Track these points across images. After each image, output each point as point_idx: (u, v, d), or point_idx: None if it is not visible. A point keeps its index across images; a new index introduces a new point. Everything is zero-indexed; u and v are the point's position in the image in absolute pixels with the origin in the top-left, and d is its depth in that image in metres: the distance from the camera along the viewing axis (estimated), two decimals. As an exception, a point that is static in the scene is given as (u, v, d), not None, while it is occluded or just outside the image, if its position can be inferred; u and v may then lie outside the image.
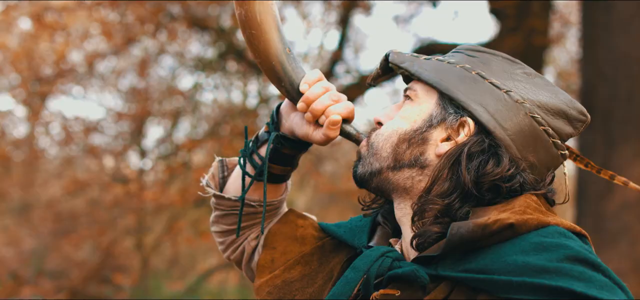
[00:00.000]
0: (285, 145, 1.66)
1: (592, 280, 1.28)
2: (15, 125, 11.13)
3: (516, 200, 1.44)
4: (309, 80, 1.59)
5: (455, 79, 1.49)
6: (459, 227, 1.37)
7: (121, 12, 8.60)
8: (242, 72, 9.52)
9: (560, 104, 1.50)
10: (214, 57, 9.24)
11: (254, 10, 1.58)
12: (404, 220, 1.52)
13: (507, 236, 1.37)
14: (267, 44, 1.58)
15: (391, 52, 1.59)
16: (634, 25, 5.21)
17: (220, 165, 1.80)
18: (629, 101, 5.18)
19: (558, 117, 1.50)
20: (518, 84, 1.49)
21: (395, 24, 8.69)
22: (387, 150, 1.50)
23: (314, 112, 1.57)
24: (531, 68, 1.54)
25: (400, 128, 1.51)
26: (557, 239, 1.35)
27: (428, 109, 1.50)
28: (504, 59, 1.53)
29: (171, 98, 9.82)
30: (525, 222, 1.37)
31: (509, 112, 1.46)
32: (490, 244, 1.37)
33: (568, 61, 11.22)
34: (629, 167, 5.10)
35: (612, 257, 4.99)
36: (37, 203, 10.64)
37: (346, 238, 1.64)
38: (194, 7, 8.41)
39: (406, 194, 1.50)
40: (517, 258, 1.33)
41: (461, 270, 1.37)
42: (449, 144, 1.48)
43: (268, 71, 1.60)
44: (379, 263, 1.44)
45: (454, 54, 1.56)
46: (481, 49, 1.55)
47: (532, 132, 1.47)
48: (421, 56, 1.56)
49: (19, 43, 9.71)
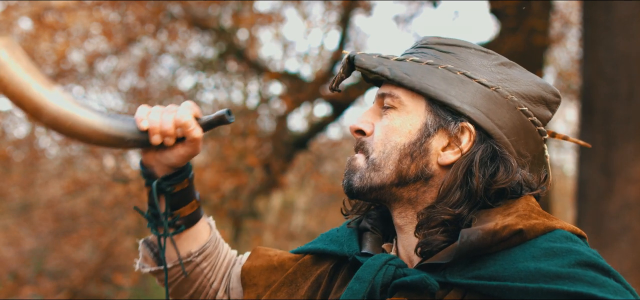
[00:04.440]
0: (172, 183, 1.64)
1: (606, 285, 1.30)
2: (15, 125, 11.14)
3: (518, 202, 1.44)
4: (141, 115, 1.58)
5: (442, 83, 1.45)
6: (469, 235, 1.36)
7: (121, 12, 8.61)
8: (242, 72, 9.53)
9: (539, 91, 1.50)
10: (215, 57, 9.25)
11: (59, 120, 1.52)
12: (406, 228, 1.50)
13: (516, 242, 1.37)
14: (81, 129, 1.54)
15: (357, 55, 1.52)
16: (634, 25, 5.21)
17: (145, 245, 1.76)
18: (629, 100, 5.18)
19: (539, 104, 1.50)
20: (499, 77, 1.48)
21: (395, 24, 8.68)
22: (390, 168, 1.46)
23: (169, 133, 1.57)
24: (502, 56, 1.52)
25: (398, 143, 1.46)
26: (566, 244, 1.36)
27: (420, 117, 1.46)
28: (476, 51, 1.50)
29: (172, 98, 9.81)
30: (533, 227, 1.38)
31: (501, 109, 1.46)
32: (498, 250, 1.37)
33: (568, 61, 11.22)
34: (630, 166, 5.10)
35: (613, 257, 4.99)
36: (37, 203, 10.64)
37: (331, 249, 1.60)
38: (194, 7, 8.42)
39: (409, 204, 1.48)
40: (529, 264, 1.33)
41: (471, 276, 1.36)
42: (453, 153, 1.45)
43: (106, 144, 1.57)
44: (384, 271, 1.42)
45: (424, 51, 1.51)
46: (450, 42, 1.51)
47: (523, 126, 1.48)
48: (391, 56, 1.50)
49: (20, 43, 9.69)
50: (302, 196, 13.36)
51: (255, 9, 8.96)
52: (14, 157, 10.42)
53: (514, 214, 1.40)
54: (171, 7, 8.29)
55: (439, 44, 1.50)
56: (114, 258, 10.49)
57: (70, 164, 10.99)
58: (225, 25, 8.94)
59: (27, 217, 10.79)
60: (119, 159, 10.67)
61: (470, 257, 1.37)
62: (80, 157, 10.90)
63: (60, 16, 8.78)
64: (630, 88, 5.20)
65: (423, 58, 1.49)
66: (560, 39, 10.06)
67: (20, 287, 9.95)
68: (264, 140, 8.78)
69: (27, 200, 10.64)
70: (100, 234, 9.87)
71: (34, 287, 9.93)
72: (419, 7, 8.61)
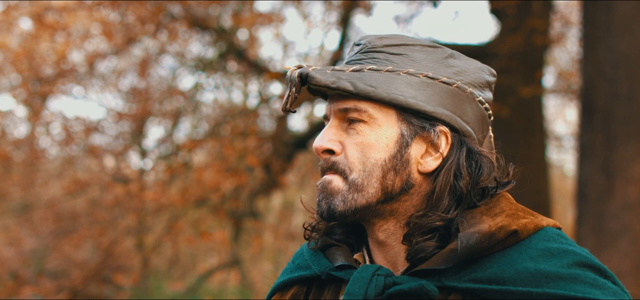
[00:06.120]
0: None
1: (605, 287, 1.33)
2: (15, 125, 11.14)
3: (499, 201, 1.45)
4: None
5: (408, 89, 1.41)
6: (468, 239, 1.36)
7: (122, 12, 8.61)
8: (242, 72, 9.53)
9: (483, 76, 1.49)
10: (215, 57, 9.25)
11: None
12: (389, 240, 1.47)
13: (510, 242, 1.38)
14: None
15: (310, 71, 1.42)
16: (634, 25, 5.21)
17: None
18: (630, 101, 5.18)
19: (485, 88, 1.50)
20: (453, 71, 1.46)
21: (395, 24, 8.67)
22: (375, 186, 1.42)
23: None
24: (444, 46, 1.50)
25: (378, 159, 1.42)
26: (560, 244, 1.38)
27: (393, 129, 1.43)
28: (423, 46, 1.46)
29: (172, 98, 9.82)
30: (525, 227, 1.39)
31: (464, 105, 1.45)
32: (493, 251, 1.38)
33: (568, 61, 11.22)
34: (630, 166, 5.10)
35: (613, 257, 4.99)
36: (37, 203, 10.63)
37: (299, 274, 1.55)
38: (194, 7, 8.42)
39: (391, 216, 1.45)
40: (528, 265, 1.34)
41: (468, 279, 1.36)
42: (434, 159, 1.43)
43: None
44: (374, 283, 1.39)
45: (374, 56, 1.45)
46: (398, 42, 1.45)
47: (481, 115, 1.49)
48: (345, 68, 1.43)
49: (20, 43, 9.71)
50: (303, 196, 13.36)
51: (255, 9, 8.96)
52: (14, 157, 10.42)
53: (501, 213, 1.41)
54: (171, 7, 8.29)
55: (387, 46, 1.45)
56: (114, 258, 10.49)
57: (71, 164, 11.00)
58: (225, 25, 8.94)
59: (27, 217, 10.79)
60: (119, 159, 10.68)
61: (465, 260, 1.37)
62: (81, 157, 10.91)
63: (60, 16, 8.79)
64: (630, 88, 5.19)
65: (379, 65, 1.43)
66: (560, 39, 10.07)
67: (20, 287, 9.95)
68: (264, 140, 8.77)
69: (27, 200, 10.63)
70: (100, 234, 9.86)
71: (34, 287, 9.93)
72: (419, 7, 8.61)
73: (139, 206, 9.56)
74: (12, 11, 8.93)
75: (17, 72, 9.51)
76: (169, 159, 9.68)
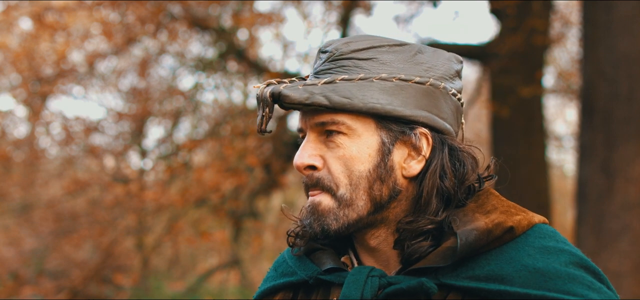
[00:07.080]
0: None
1: (601, 291, 1.36)
2: (15, 125, 11.14)
3: (488, 198, 1.46)
4: None
5: (384, 96, 1.39)
6: (467, 237, 1.36)
7: (122, 12, 8.61)
8: (242, 72, 9.53)
9: (452, 66, 1.48)
10: (215, 57, 9.25)
11: None
12: (380, 246, 1.46)
13: (506, 239, 1.39)
14: None
15: (282, 90, 1.39)
16: (634, 25, 5.21)
17: None
18: (630, 101, 5.18)
19: (455, 78, 1.49)
20: (423, 68, 1.44)
21: (395, 24, 8.68)
22: (363, 199, 1.41)
23: None
24: (411, 42, 1.48)
25: (363, 170, 1.40)
26: (556, 242, 1.40)
27: (374, 137, 1.41)
28: (390, 46, 1.43)
29: (172, 98, 9.81)
30: (519, 223, 1.40)
31: (439, 102, 1.44)
32: (489, 248, 1.38)
33: (568, 61, 11.23)
34: (630, 166, 5.10)
35: (613, 257, 4.99)
36: (37, 203, 10.64)
37: (285, 280, 1.53)
38: (194, 7, 8.42)
39: (382, 224, 1.45)
40: (526, 262, 1.35)
41: (467, 277, 1.37)
42: (417, 163, 1.43)
43: None
44: (370, 284, 1.39)
45: (344, 64, 1.42)
46: (365, 46, 1.42)
47: (456, 108, 1.48)
48: (316, 81, 1.40)
49: (20, 43, 9.71)
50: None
51: (255, 9, 8.96)
52: (14, 157, 10.42)
53: (495, 210, 1.42)
54: (171, 7, 8.29)
55: (355, 51, 1.42)
56: (114, 258, 10.49)
57: (71, 164, 11.00)
58: (225, 25, 8.94)
59: (27, 217, 10.79)
60: (119, 159, 10.68)
61: (462, 258, 1.38)
62: (81, 157, 10.91)
63: (60, 16, 8.79)
64: (630, 88, 5.20)
65: (351, 73, 1.40)
66: (560, 39, 10.07)
67: (20, 287, 9.95)
68: (264, 140, 8.78)
69: (27, 200, 10.64)
70: (100, 234, 9.87)
71: (34, 287, 9.94)
72: (419, 7, 8.61)
73: (139, 206, 9.56)
74: (12, 11, 8.93)
75: (17, 72, 9.51)
76: (169, 159, 9.68)
